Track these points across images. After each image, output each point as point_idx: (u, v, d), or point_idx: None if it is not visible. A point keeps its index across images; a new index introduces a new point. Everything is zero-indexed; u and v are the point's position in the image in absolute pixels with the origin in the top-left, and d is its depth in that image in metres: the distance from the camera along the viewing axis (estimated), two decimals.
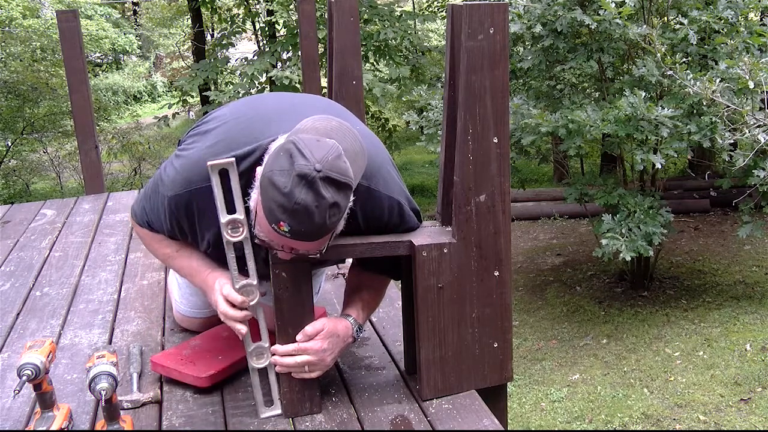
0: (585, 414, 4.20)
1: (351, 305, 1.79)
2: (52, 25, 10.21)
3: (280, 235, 1.44)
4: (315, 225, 1.42)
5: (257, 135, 1.63)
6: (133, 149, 11.42)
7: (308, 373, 1.67)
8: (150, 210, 1.78)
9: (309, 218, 1.40)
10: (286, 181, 1.39)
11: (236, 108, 1.81)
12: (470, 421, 1.69)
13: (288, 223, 1.40)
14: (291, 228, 1.41)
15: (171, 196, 1.69)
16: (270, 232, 1.46)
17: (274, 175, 1.41)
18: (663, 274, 6.12)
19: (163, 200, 1.71)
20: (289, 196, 1.39)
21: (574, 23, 4.80)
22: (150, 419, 1.74)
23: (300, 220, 1.40)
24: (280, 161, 1.42)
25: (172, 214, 1.71)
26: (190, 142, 1.76)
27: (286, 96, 1.98)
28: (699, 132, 4.39)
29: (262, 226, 1.48)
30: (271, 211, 1.42)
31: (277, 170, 1.41)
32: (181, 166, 1.70)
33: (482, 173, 1.72)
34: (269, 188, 1.41)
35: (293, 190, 1.38)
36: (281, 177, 1.40)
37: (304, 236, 1.44)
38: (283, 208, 1.40)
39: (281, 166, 1.41)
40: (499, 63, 1.68)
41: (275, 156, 1.45)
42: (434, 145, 5.42)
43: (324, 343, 1.65)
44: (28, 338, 2.19)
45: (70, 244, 3.15)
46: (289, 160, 1.41)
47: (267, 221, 1.43)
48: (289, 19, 9.11)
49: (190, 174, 1.66)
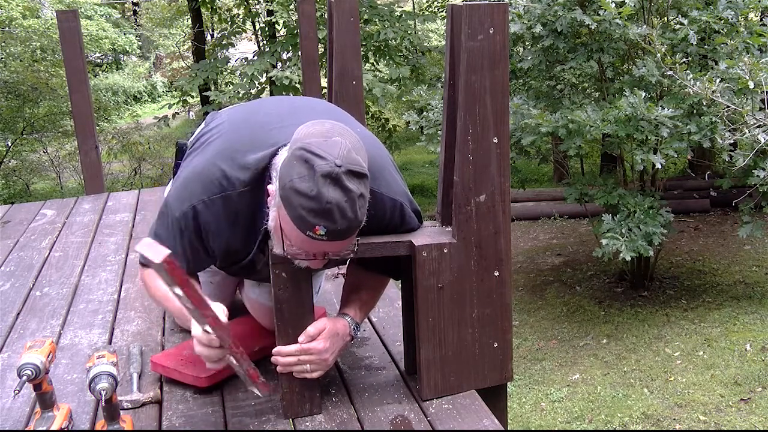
0: (585, 414, 4.20)
1: (349, 304, 1.79)
2: (52, 25, 10.21)
3: (315, 241, 1.42)
4: (348, 220, 1.41)
5: (259, 144, 1.62)
6: (133, 149, 11.43)
7: (310, 373, 1.67)
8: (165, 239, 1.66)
9: (342, 215, 1.39)
10: (311, 184, 1.37)
11: (234, 116, 1.79)
12: (470, 421, 1.69)
13: (323, 225, 1.39)
14: (327, 230, 1.40)
15: (180, 214, 1.64)
16: (304, 242, 1.44)
17: (295, 183, 1.39)
18: (663, 274, 6.12)
19: (173, 222, 1.66)
20: (318, 198, 1.37)
21: (574, 23, 4.80)
22: (150, 419, 1.74)
23: (334, 219, 1.39)
24: (296, 169, 1.40)
25: (182, 232, 1.65)
26: (191, 158, 1.75)
27: (284, 100, 1.97)
28: (699, 132, 4.39)
29: (293, 238, 1.45)
30: (302, 219, 1.39)
31: (296, 178, 1.39)
32: (183, 182, 1.68)
33: (482, 173, 1.72)
34: (294, 197, 1.39)
35: (321, 191, 1.37)
36: (304, 182, 1.38)
37: (341, 235, 1.42)
38: (314, 212, 1.38)
39: (300, 173, 1.39)
40: (499, 63, 1.68)
41: (288, 167, 1.42)
42: (434, 145, 5.42)
43: (326, 343, 1.65)
44: (28, 338, 2.18)
45: (70, 244, 3.15)
46: (305, 165, 1.39)
47: (300, 231, 1.41)
48: (289, 19, 9.11)
49: (194, 186, 1.64)
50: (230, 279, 2.02)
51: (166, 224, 1.69)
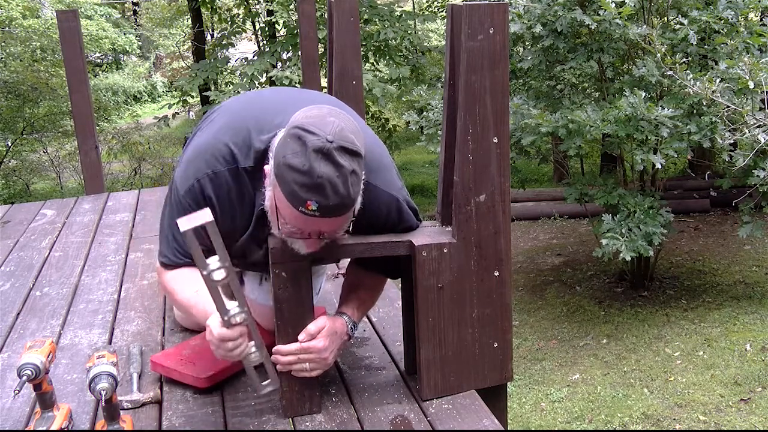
0: (585, 414, 4.20)
1: (347, 303, 1.80)
2: (52, 25, 10.22)
3: (308, 217, 1.43)
4: (341, 196, 1.42)
5: (263, 125, 1.64)
6: (133, 149, 11.43)
7: (309, 372, 1.67)
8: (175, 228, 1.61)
9: (334, 190, 1.41)
10: (303, 159, 1.39)
11: (239, 100, 1.82)
12: (470, 421, 1.69)
13: (315, 200, 1.40)
14: (319, 204, 1.41)
15: (185, 191, 1.65)
16: (297, 218, 1.45)
17: (287, 159, 1.41)
18: (663, 274, 6.12)
19: (181, 203, 1.65)
20: (309, 173, 1.39)
21: (574, 23, 4.80)
22: (150, 419, 1.74)
23: (326, 194, 1.40)
24: (289, 146, 1.42)
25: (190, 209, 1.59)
26: (195, 137, 1.76)
27: (289, 90, 2.02)
28: (699, 132, 4.39)
29: (287, 215, 1.47)
30: (294, 194, 1.41)
31: (289, 154, 1.41)
32: (187, 159, 1.69)
33: (482, 173, 1.72)
34: (287, 172, 1.41)
35: (312, 165, 1.39)
36: (296, 158, 1.40)
37: (333, 211, 1.43)
38: (306, 186, 1.40)
39: (293, 149, 1.41)
40: (499, 63, 1.68)
41: (282, 145, 1.45)
42: (434, 145, 5.42)
43: (326, 341, 1.65)
44: (28, 338, 2.18)
45: (70, 244, 3.15)
46: (298, 141, 1.41)
47: (293, 206, 1.43)
48: (289, 19, 9.12)
49: (198, 162, 1.65)
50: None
51: (173, 204, 1.70)
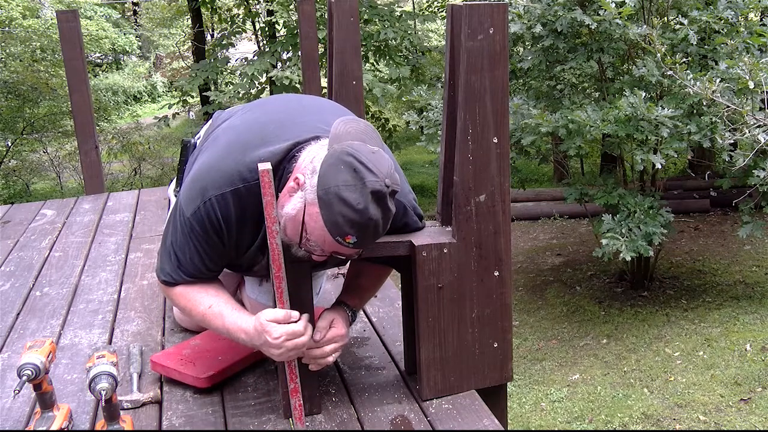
0: (585, 414, 4.20)
1: (347, 291, 1.82)
2: (52, 25, 10.22)
3: (339, 245, 1.47)
4: (378, 235, 1.49)
5: (270, 139, 1.62)
6: (133, 149, 11.43)
7: (332, 361, 1.68)
8: (179, 249, 1.66)
9: (376, 231, 1.46)
10: (359, 197, 1.41)
11: (244, 113, 1.80)
12: (470, 421, 1.69)
13: (356, 236, 1.44)
14: (357, 240, 1.45)
15: (192, 213, 1.62)
16: (327, 242, 1.48)
17: (341, 190, 1.42)
18: (663, 274, 6.12)
19: (186, 225, 1.63)
20: (363, 212, 1.42)
21: (574, 23, 4.80)
22: (150, 419, 1.74)
23: (369, 233, 1.45)
24: (343, 176, 1.43)
25: (200, 235, 1.62)
26: (200, 155, 1.74)
27: (292, 98, 1.98)
28: (699, 132, 4.39)
29: (316, 237, 1.48)
30: (338, 225, 1.43)
31: (342, 185, 1.42)
32: (192, 179, 1.66)
33: (482, 173, 1.72)
34: (338, 204, 1.42)
35: (368, 207, 1.42)
36: (352, 193, 1.42)
37: (364, 245, 1.49)
38: (353, 223, 1.42)
39: (346, 180, 1.42)
40: (499, 63, 1.68)
41: (334, 170, 1.44)
42: (434, 145, 5.42)
43: (342, 328, 1.68)
44: (28, 338, 2.19)
45: (70, 244, 3.15)
46: (354, 174, 1.42)
47: (330, 234, 1.45)
48: (289, 19, 9.12)
49: (203, 183, 1.62)
50: (230, 278, 2.02)
51: (178, 225, 1.66)
